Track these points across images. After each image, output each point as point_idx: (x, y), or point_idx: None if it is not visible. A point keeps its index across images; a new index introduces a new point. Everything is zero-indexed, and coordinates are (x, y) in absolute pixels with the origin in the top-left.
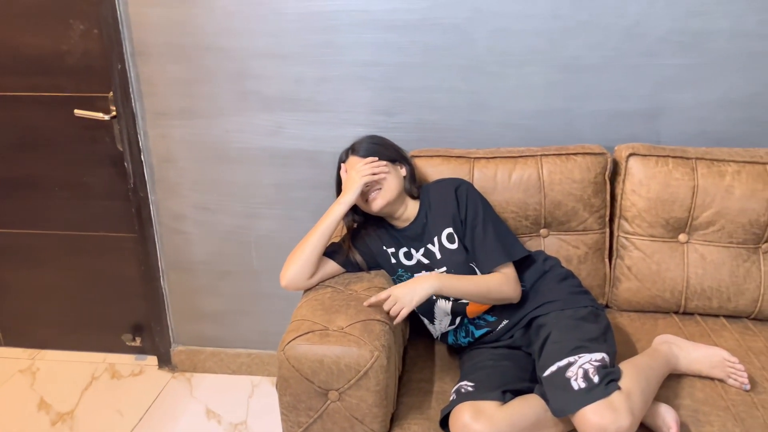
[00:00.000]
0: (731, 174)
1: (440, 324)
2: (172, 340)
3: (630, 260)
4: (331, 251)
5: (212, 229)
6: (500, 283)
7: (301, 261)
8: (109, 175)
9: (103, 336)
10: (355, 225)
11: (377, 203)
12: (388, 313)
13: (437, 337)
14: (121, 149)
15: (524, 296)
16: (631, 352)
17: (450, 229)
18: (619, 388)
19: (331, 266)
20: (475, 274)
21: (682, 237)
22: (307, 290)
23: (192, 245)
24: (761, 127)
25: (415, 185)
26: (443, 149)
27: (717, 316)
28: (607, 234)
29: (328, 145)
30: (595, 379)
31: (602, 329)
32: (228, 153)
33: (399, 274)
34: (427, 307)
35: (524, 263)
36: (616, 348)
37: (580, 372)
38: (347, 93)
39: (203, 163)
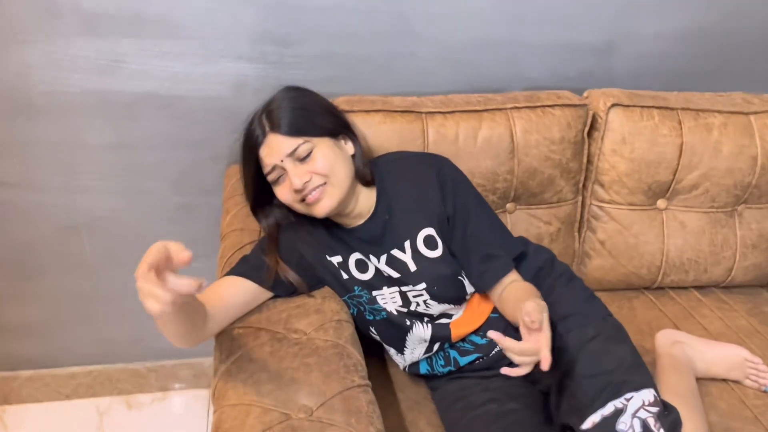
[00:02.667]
0: (718, 128)
1: (412, 354)
2: None
3: (604, 233)
4: (250, 269)
5: (14, 212)
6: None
7: (172, 337)
8: None
9: None
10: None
11: (323, 206)
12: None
13: (405, 368)
14: None
15: None
16: None
17: (430, 230)
18: None
19: (252, 291)
20: (464, 289)
21: (660, 203)
22: (224, 335)
23: None
24: (717, 64)
25: (367, 166)
26: (379, 98)
27: (687, 288)
28: (579, 203)
29: (194, 88)
30: None
31: (632, 348)
32: (31, 100)
33: (355, 293)
34: (396, 334)
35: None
36: None
37: (637, 424)
38: (222, 11)
39: None
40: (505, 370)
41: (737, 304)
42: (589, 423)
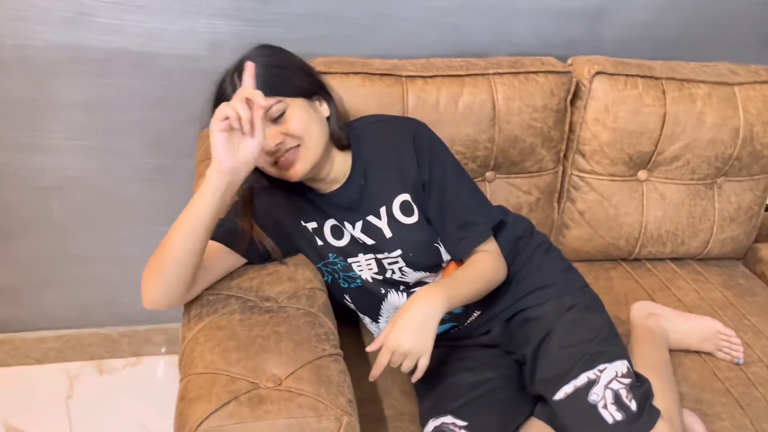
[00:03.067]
0: (702, 98)
1: (386, 322)
2: None
3: (583, 204)
4: (225, 234)
5: None
6: (494, 267)
7: (166, 276)
8: None
9: None
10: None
11: (297, 170)
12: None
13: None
14: None
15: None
16: None
17: (406, 196)
18: (659, 412)
19: (227, 258)
20: (440, 256)
21: (641, 174)
22: (193, 302)
23: None
24: (707, 34)
25: (343, 130)
26: (359, 60)
27: (663, 259)
28: (560, 173)
29: (168, 45)
30: (632, 405)
31: (607, 318)
32: None
33: (330, 260)
34: (371, 302)
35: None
36: None
37: (609, 395)
38: None
39: None
40: (414, 377)
41: (712, 277)
42: (561, 393)
